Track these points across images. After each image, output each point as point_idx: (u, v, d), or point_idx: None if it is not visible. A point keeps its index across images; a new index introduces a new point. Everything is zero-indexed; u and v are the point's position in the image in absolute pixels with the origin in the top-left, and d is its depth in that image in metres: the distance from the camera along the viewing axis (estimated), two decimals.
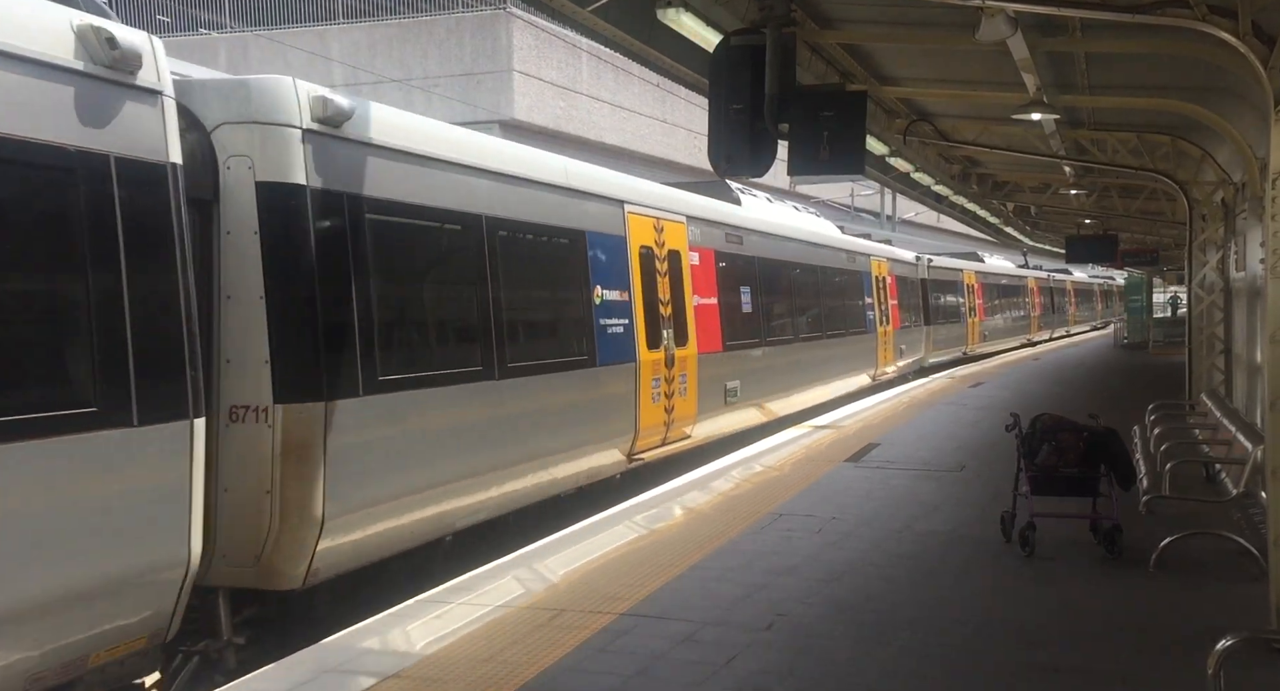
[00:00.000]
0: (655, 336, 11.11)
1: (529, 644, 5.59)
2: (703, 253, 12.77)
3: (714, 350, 12.74)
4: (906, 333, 23.62)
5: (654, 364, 11.03)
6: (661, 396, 11.20)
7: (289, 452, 6.01)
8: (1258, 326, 10.78)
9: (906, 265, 24.62)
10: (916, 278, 25.28)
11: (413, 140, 7.50)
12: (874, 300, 20.82)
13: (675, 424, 11.58)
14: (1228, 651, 4.17)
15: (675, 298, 11.73)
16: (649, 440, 11.00)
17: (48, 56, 4.74)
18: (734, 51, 7.28)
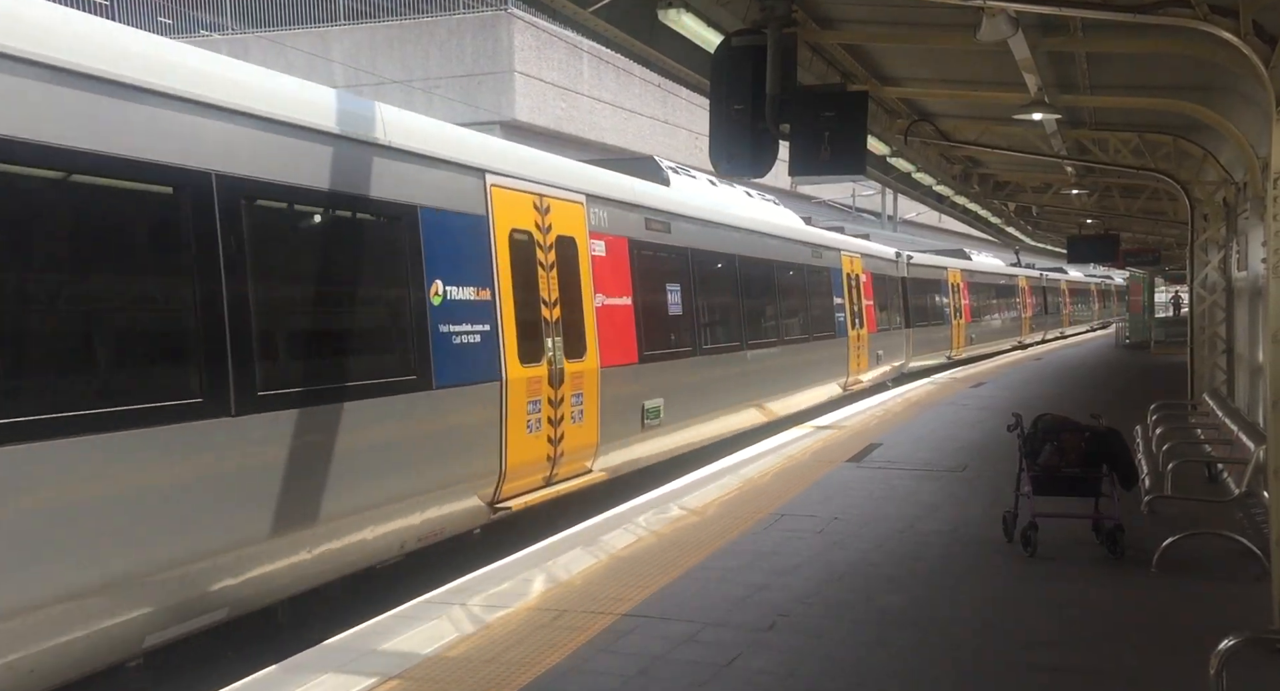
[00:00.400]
0: (533, 347, 8.72)
1: (530, 645, 5.59)
2: (612, 241, 10.40)
3: (626, 362, 10.41)
4: (884, 336, 21.78)
5: (530, 382, 8.60)
6: (543, 423, 8.81)
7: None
8: (1259, 326, 10.77)
9: (884, 262, 22.83)
10: (896, 276, 23.64)
11: None
12: (845, 300, 18.96)
13: (566, 457, 9.23)
14: (1230, 651, 4.16)
15: (568, 297, 9.42)
16: (523, 481, 8.62)
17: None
18: (735, 52, 7.28)
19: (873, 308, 21.00)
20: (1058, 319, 46.72)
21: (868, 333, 20.30)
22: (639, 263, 11.00)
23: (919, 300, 25.29)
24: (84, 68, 5.11)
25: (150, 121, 5.43)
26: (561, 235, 9.42)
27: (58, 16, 5.14)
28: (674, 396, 11.46)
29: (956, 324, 28.94)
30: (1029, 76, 9.93)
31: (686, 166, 14.48)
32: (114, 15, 26.10)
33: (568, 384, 9.24)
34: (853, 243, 21.00)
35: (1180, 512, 8.04)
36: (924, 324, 25.59)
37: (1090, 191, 20.33)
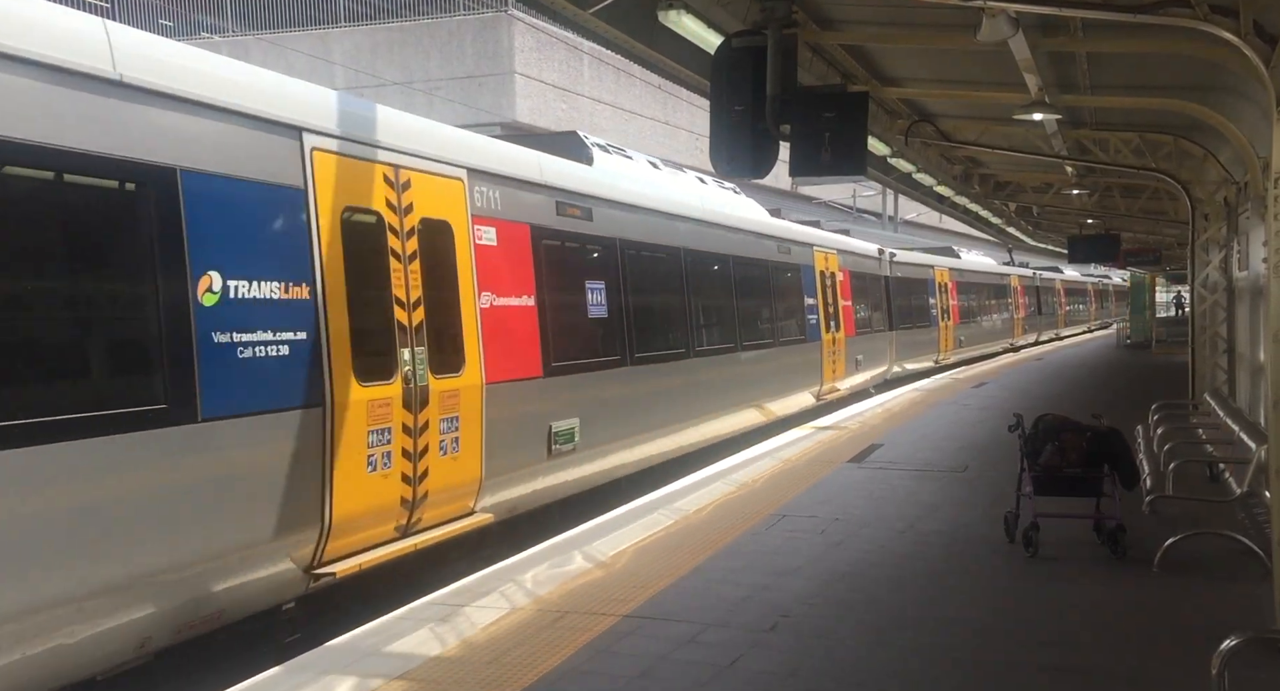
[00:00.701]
0: (379, 361, 6.87)
1: (533, 646, 5.60)
2: (507, 229, 8.51)
3: (526, 376, 8.56)
4: (865, 340, 20.18)
5: (374, 407, 6.70)
6: (395, 458, 6.90)
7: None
8: (1260, 325, 10.77)
9: (865, 259, 21.15)
10: (879, 274, 22.09)
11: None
12: (818, 301, 17.28)
13: (434, 499, 7.33)
14: (1231, 651, 4.17)
15: (438, 297, 7.53)
16: (362, 534, 6.74)
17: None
18: (735, 53, 7.29)
19: (851, 309, 19.51)
20: (1052, 320, 44.92)
21: (845, 336, 18.71)
22: (547, 255, 9.07)
23: (904, 301, 23.83)
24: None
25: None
26: (430, 219, 7.48)
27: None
28: (595, 415, 9.61)
29: (944, 326, 27.34)
30: (1029, 77, 9.93)
31: (622, 147, 12.45)
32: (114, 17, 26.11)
33: (435, 405, 7.30)
34: (828, 238, 19.48)
35: (1182, 512, 8.04)
36: (910, 326, 24.07)
37: (1091, 191, 20.34)
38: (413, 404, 7.11)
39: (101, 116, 5.20)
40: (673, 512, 9.04)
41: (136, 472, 5.19)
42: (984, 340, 32.32)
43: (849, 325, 19.09)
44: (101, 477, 4.98)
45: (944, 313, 27.44)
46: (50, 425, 4.74)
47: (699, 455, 12.41)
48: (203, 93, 5.80)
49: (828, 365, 17.55)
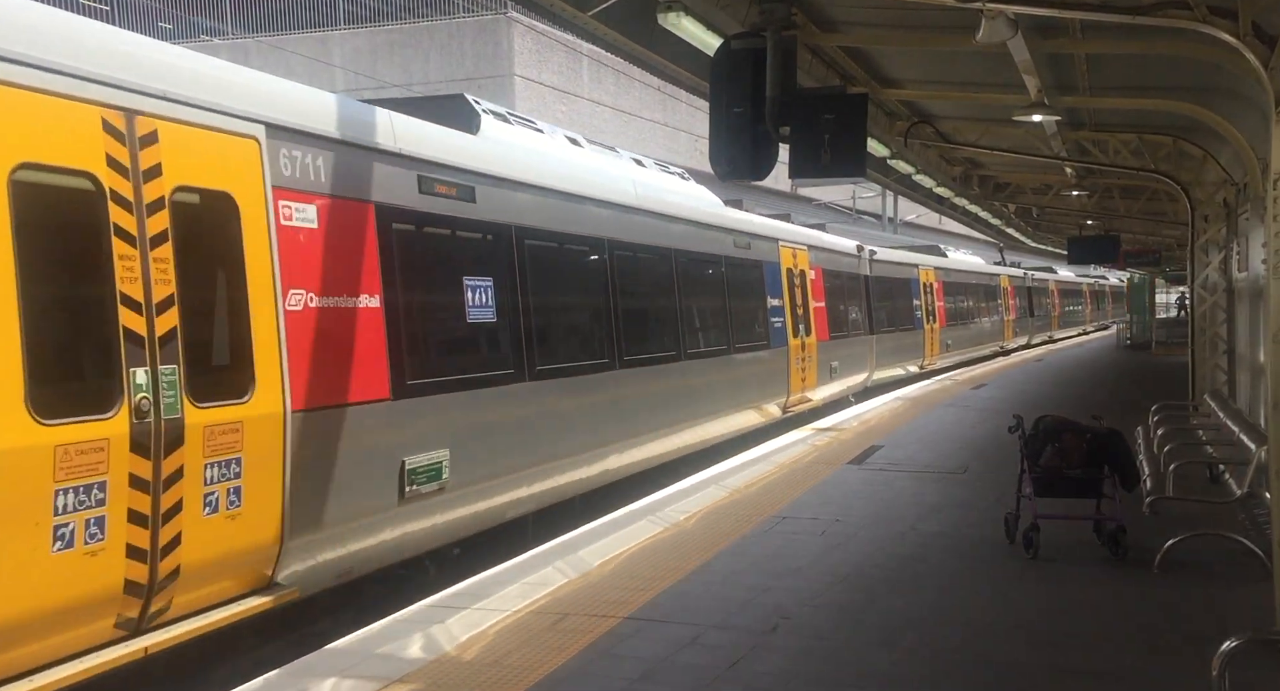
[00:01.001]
0: (73, 389, 4.95)
1: (534, 648, 5.60)
2: (336, 207, 6.54)
3: (362, 398, 6.60)
4: (841, 345, 18.38)
5: (63, 455, 4.67)
6: (110, 527, 4.89)
7: None
8: (1260, 326, 10.78)
9: (840, 257, 19.25)
10: (858, 273, 20.41)
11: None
12: (785, 302, 15.54)
13: (188, 577, 5.38)
14: (1232, 652, 4.17)
15: (207, 296, 5.73)
16: (51, 641, 4.80)
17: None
18: (735, 55, 7.29)
19: (824, 311, 17.66)
20: (1045, 321, 42.52)
21: (816, 341, 16.85)
22: (402, 243, 7.16)
23: (886, 302, 21.97)
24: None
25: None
26: (194, 188, 5.57)
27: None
28: (474, 445, 7.76)
29: (930, 329, 25.36)
30: (1029, 78, 9.94)
31: (532, 119, 10.34)
32: (114, 20, 26.15)
33: (196, 445, 5.38)
34: (798, 232, 17.58)
35: (1182, 513, 8.04)
36: (891, 329, 22.22)
37: (1090, 192, 20.36)
38: (147, 445, 5.10)
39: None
40: (672, 515, 9.04)
41: None
42: (972, 344, 30.42)
43: (821, 329, 17.30)
44: None
45: (929, 314, 25.51)
46: None
47: (630, 483, 10.57)
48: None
49: (795, 374, 15.76)
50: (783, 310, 15.39)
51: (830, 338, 17.81)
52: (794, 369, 15.72)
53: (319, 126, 6.49)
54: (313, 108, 6.55)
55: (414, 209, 7.37)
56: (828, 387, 17.68)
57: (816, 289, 17.38)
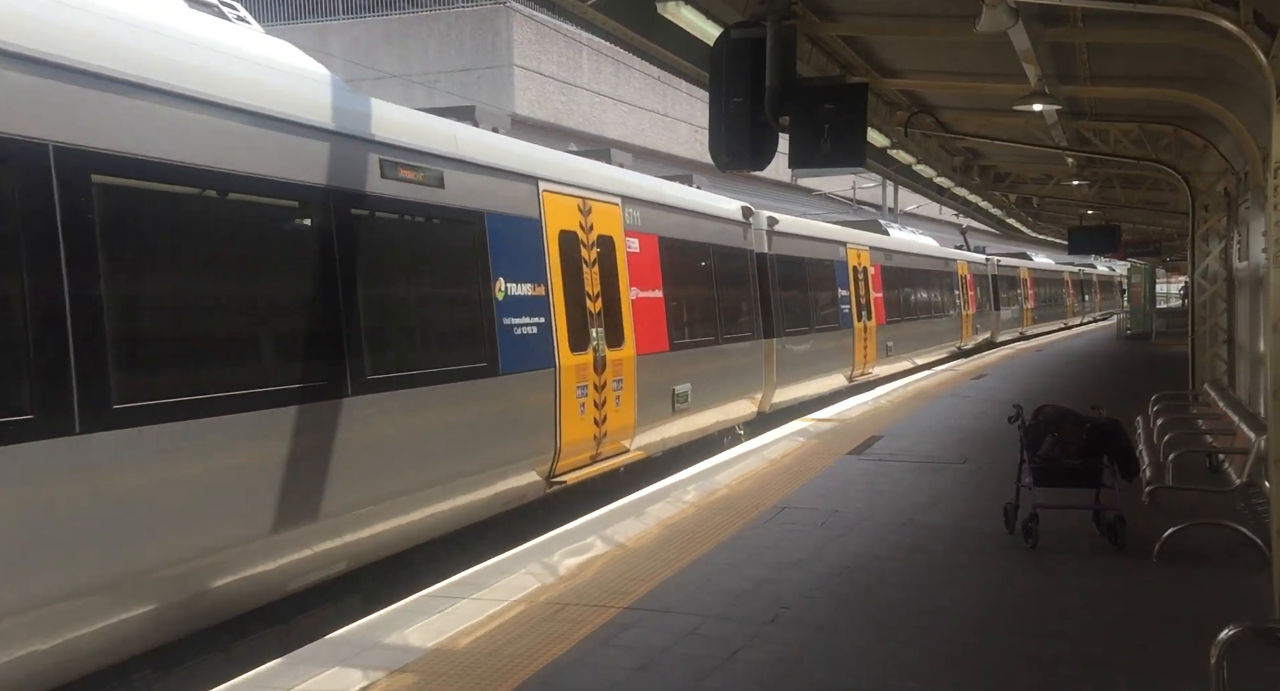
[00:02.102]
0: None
1: (534, 638, 5.61)
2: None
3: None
4: (709, 356, 12.78)
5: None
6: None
7: None
8: (1260, 316, 10.77)
9: (705, 222, 13.21)
10: (743, 250, 14.46)
11: None
12: (552, 294, 9.15)
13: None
14: (1230, 641, 4.17)
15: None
16: None
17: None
18: (734, 44, 7.27)
19: (660, 306, 11.55)
20: (1014, 316, 36.33)
21: (634, 355, 10.63)
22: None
23: (794, 292, 16.38)
24: None
25: None
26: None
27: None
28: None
29: (863, 327, 19.68)
30: (1029, 67, 9.91)
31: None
32: None
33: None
34: (610, 174, 10.95)
35: (1181, 503, 8.05)
36: (803, 329, 16.45)
37: (1091, 182, 20.32)
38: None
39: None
40: (672, 506, 9.05)
41: None
42: (921, 345, 24.44)
43: (646, 336, 11.12)
44: None
45: (863, 309, 19.74)
46: None
47: None
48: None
49: (571, 416, 9.36)
50: (547, 306, 9.11)
51: (671, 348, 11.57)
52: (567, 406, 9.29)
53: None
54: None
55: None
56: (666, 426, 11.51)
57: (642, 270, 11.24)
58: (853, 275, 19.52)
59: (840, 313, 18.72)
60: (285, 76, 6.64)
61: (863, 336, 19.71)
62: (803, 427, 14.07)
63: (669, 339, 11.80)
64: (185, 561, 5.55)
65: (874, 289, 20.79)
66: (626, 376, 10.65)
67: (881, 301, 21.22)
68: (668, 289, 11.88)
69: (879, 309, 21.00)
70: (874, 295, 20.73)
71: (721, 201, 14.40)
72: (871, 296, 20.56)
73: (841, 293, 18.90)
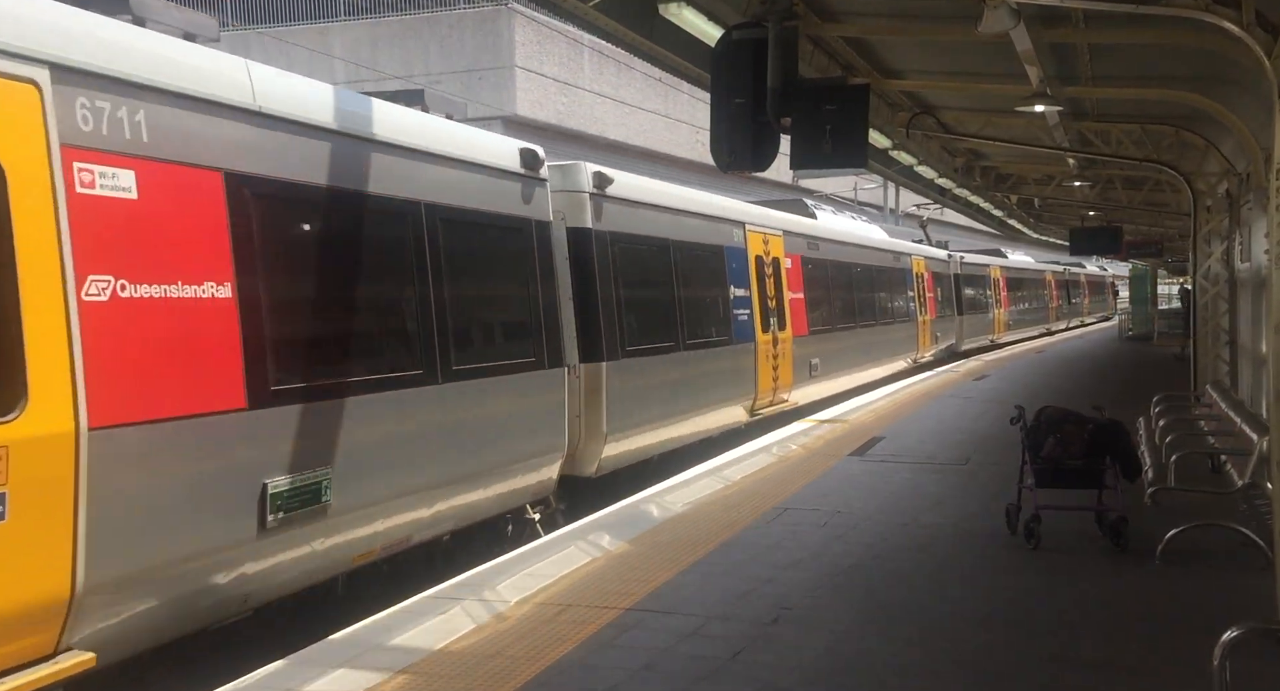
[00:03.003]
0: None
1: (536, 639, 5.61)
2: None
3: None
4: (479, 394, 7.93)
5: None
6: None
7: None
8: (1263, 317, 10.77)
9: (475, 180, 8.18)
10: (525, 221, 8.88)
11: None
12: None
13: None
14: (1233, 642, 4.17)
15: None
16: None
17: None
18: (736, 45, 7.28)
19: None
20: (982, 322, 31.50)
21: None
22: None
23: (643, 292, 11.25)
24: None
25: None
26: None
27: None
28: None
29: (770, 340, 14.49)
30: (1031, 68, 9.91)
31: None
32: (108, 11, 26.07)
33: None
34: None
35: (1183, 504, 8.04)
36: (660, 347, 11.42)
37: (1093, 183, 20.31)
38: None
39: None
40: (673, 506, 9.05)
41: None
42: (863, 360, 19.74)
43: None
44: None
45: (772, 315, 14.64)
46: None
47: None
48: None
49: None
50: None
51: (428, 379, 7.32)
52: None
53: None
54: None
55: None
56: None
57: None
58: (756, 268, 14.31)
59: (735, 320, 13.39)
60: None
61: (770, 352, 14.52)
62: (804, 429, 14.06)
63: (335, 377, 7.12)
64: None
65: (790, 288, 15.74)
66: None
67: (803, 304, 16.23)
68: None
69: (798, 315, 15.92)
70: (789, 296, 15.64)
71: (495, 139, 8.90)
72: (786, 298, 15.44)
73: (736, 292, 13.54)
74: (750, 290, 14.19)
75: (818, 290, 17.19)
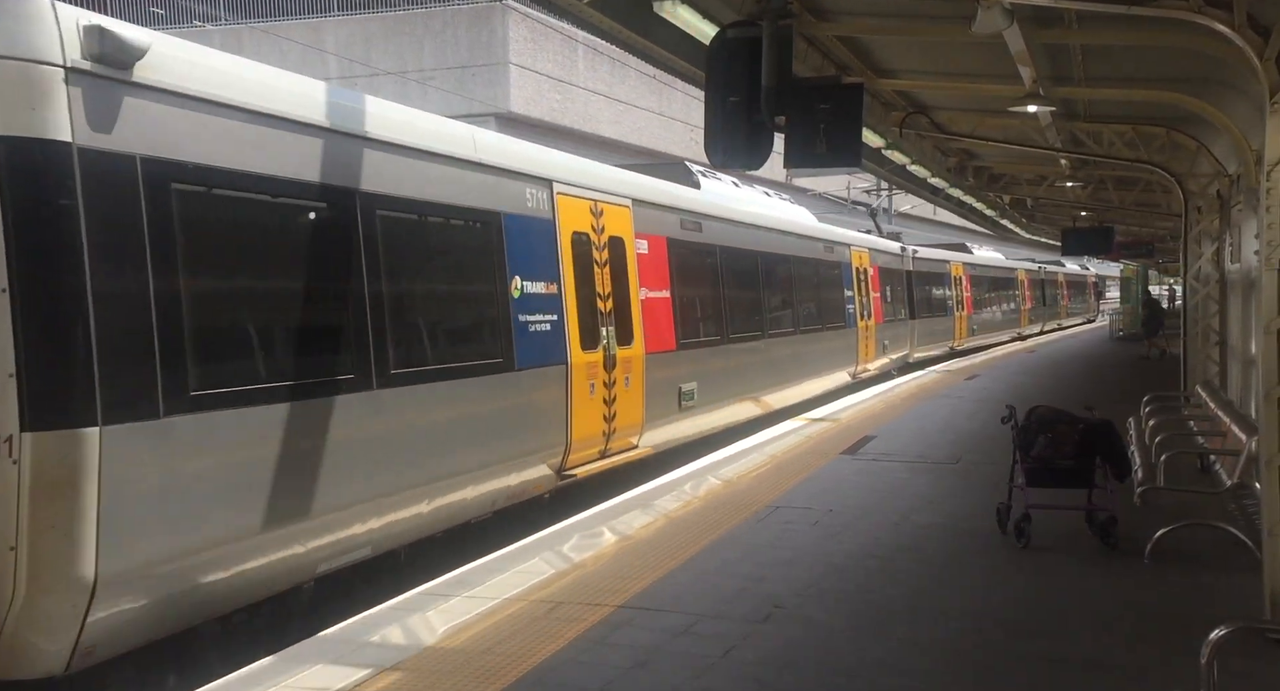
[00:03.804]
0: None
1: (527, 636, 5.61)
2: None
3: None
4: None
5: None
6: None
7: None
8: (1252, 318, 10.81)
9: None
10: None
11: None
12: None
13: None
14: (1221, 641, 4.19)
15: None
16: None
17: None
18: (730, 44, 7.27)
19: None
20: (943, 327, 27.67)
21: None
22: None
23: (245, 283, 6.05)
24: None
25: None
26: None
27: None
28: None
29: (585, 365, 9.65)
30: (1024, 69, 9.93)
31: None
32: (106, 7, 25.97)
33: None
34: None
35: (1173, 503, 8.08)
36: (296, 384, 6.21)
37: (1085, 184, 20.36)
38: None
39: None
40: (666, 505, 9.05)
41: None
42: (777, 379, 15.29)
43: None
44: None
45: (606, 322, 10.25)
46: None
47: None
48: None
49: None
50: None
51: None
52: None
53: None
54: None
55: None
56: None
57: None
58: (574, 252, 9.70)
59: (520, 333, 8.67)
60: None
61: (600, 378, 9.85)
62: (796, 427, 14.08)
63: None
64: None
65: (646, 283, 11.24)
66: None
67: (668, 307, 11.69)
68: None
69: (657, 322, 11.37)
70: (643, 295, 11.11)
71: None
72: (635, 298, 10.89)
73: (526, 287, 8.88)
74: (560, 285, 9.32)
75: (697, 287, 12.29)
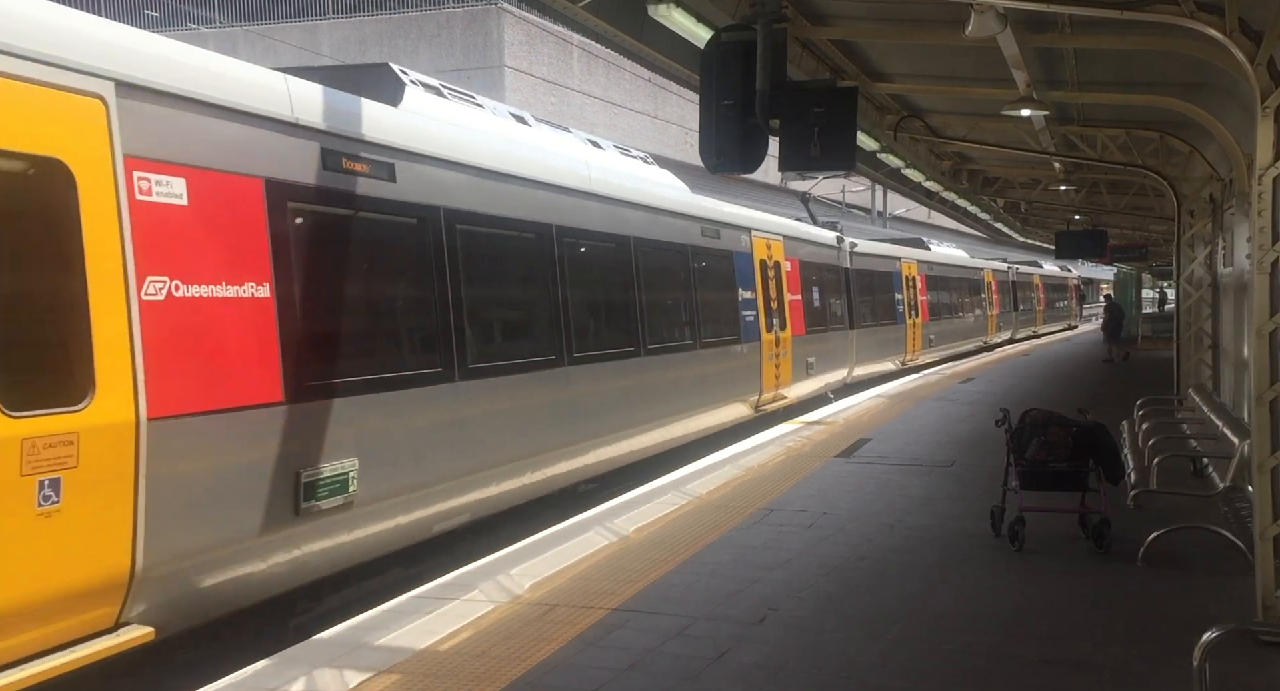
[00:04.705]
0: None
1: (521, 639, 5.61)
2: None
3: None
4: None
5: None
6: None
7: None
8: (1245, 321, 10.85)
9: None
10: None
11: None
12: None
13: None
14: (1213, 643, 4.21)
15: None
16: None
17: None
18: (725, 47, 7.29)
19: None
20: (892, 339, 22.79)
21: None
22: None
23: None
24: None
25: None
26: None
27: None
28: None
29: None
30: (1018, 73, 9.97)
31: None
32: (100, 9, 25.94)
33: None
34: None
35: (1166, 506, 8.11)
36: None
37: (1078, 187, 20.44)
38: None
39: None
40: (660, 508, 9.06)
41: None
42: (629, 423, 10.50)
43: None
44: None
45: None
46: None
47: None
48: None
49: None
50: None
51: None
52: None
53: None
54: None
55: None
56: None
57: None
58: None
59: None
60: None
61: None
62: (792, 430, 14.10)
63: None
64: None
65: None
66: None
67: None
68: None
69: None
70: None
71: None
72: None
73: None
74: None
75: (482, 286, 8.11)
